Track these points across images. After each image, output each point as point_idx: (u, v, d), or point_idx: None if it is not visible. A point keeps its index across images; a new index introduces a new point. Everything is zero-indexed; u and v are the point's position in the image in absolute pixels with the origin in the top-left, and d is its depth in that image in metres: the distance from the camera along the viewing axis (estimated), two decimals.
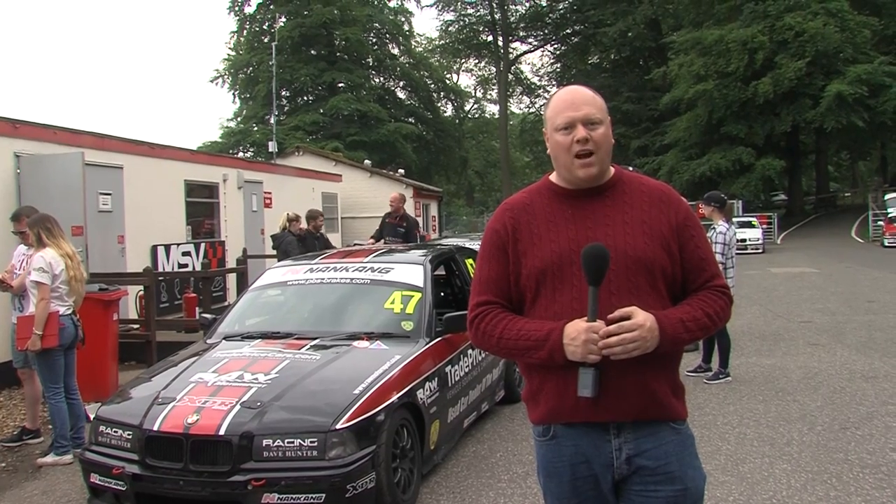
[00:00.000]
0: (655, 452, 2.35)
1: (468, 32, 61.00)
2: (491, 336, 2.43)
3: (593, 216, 2.41)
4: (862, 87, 34.08)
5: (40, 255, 6.38)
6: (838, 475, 5.31)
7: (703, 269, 2.44)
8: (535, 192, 2.55)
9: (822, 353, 9.46)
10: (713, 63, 37.14)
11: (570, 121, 2.38)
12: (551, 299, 2.37)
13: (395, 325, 5.96)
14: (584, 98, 2.42)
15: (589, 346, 2.22)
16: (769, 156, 38.21)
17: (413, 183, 31.80)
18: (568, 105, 2.41)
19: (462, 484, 5.47)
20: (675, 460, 2.37)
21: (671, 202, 2.46)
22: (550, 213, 2.45)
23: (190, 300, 12.35)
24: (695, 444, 2.48)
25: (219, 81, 53.77)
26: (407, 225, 11.99)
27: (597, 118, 2.39)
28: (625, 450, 2.35)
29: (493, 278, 2.49)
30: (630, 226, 2.38)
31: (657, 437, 2.36)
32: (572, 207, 2.44)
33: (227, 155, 33.56)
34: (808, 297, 15.17)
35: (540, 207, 2.48)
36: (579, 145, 2.36)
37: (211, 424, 4.55)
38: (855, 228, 36.83)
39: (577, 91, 2.46)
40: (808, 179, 57.05)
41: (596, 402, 2.28)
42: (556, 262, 2.36)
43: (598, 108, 2.41)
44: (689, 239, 2.44)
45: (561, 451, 2.42)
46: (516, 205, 2.54)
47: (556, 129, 2.41)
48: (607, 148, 2.42)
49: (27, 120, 10.62)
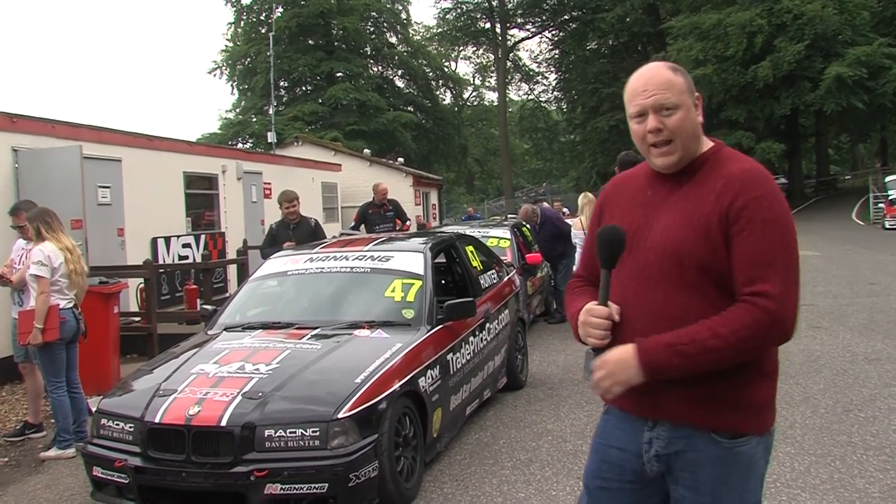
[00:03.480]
0: (684, 457, 2.24)
1: (466, 20, 60.77)
2: (566, 310, 2.48)
3: (664, 201, 2.29)
4: (861, 69, 33.98)
5: (39, 248, 6.37)
6: (842, 457, 5.30)
7: (742, 271, 2.13)
8: (640, 170, 2.47)
9: (825, 336, 9.44)
10: (712, 47, 37.01)
11: (642, 109, 2.25)
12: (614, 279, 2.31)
13: (396, 313, 5.95)
14: (658, 82, 2.24)
15: (586, 329, 2.21)
16: (769, 139, 38.15)
17: (413, 171, 31.78)
18: (639, 91, 2.26)
19: (465, 471, 5.47)
20: (705, 473, 2.21)
21: (735, 187, 2.17)
22: (635, 194, 2.40)
23: (191, 292, 12.35)
24: (749, 465, 2.24)
25: (217, 73, 53.60)
26: (393, 206, 12.03)
27: (671, 102, 2.22)
28: (655, 445, 2.27)
29: (586, 253, 2.55)
30: (682, 214, 2.22)
31: (689, 443, 2.22)
32: (654, 189, 2.35)
33: (226, 146, 33.48)
34: (809, 280, 15.13)
35: (632, 186, 2.44)
36: (653, 136, 2.24)
37: (212, 416, 4.54)
38: (856, 211, 36.79)
39: (650, 73, 2.28)
40: (808, 163, 56.98)
41: (627, 392, 2.21)
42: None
43: (673, 91, 2.23)
44: (738, 232, 2.14)
45: (607, 430, 2.43)
46: (616, 181, 2.55)
47: (631, 118, 2.30)
48: (688, 133, 2.24)
49: (25, 114, 10.59)
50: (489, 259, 7.95)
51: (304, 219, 9.43)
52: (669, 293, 2.20)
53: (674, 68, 2.29)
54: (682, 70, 2.32)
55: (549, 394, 7.42)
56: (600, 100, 50.61)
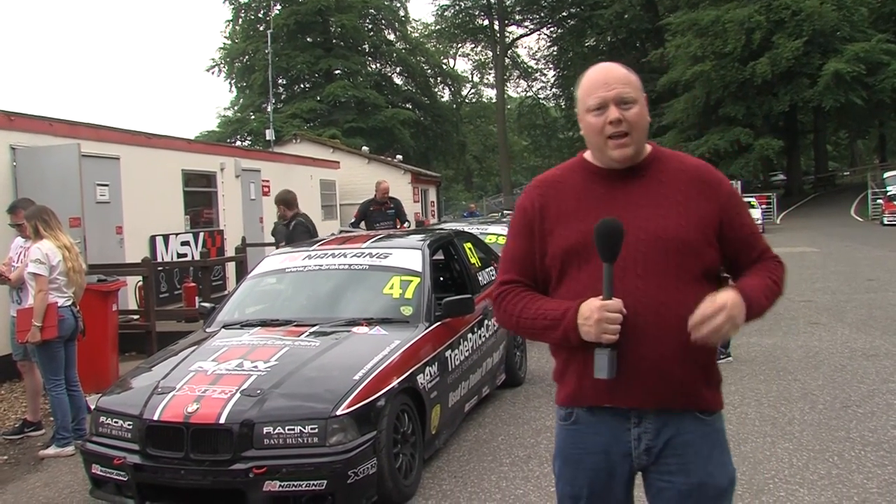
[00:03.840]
0: (674, 442, 2.29)
1: (464, 17, 60.80)
2: (511, 315, 2.40)
3: (626, 197, 2.32)
4: (860, 65, 34.00)
5: (37, 246, 6.36)
6: (840, 453, 5.31)
7: (754, 245, 2.41)
8: (569, 170, 2.48)
9: (823, 332, 9.46)
10: (710, 44, 37.01)
11: (602, 101, 2.29)
12: (576, 279, 2.31)
13: (395, 310, 5.95)
14: (617, 76, 2.32)
15: (602, 326, 2.15)
16: (767, 136, 38.17)
17: (411, 168, 31.74)
18: (600, 84, 2.31)
19: (464, 468, 5.48)
20: (694, 452, 2.29)
21: (712, 181, 2.38)
22: (582, 192, 2.38)
23: (189, 289, 12.33)
24: (724, 437, 2.39)
25: (215, 70, 53.59)
26: (394, 205, 12.08)
27: (631, 97, 2.29)
28: (644, 440, 2.29)
29: (518, 257, 2.45)
30: (664, 206, 2.30)
31: (679, 426, 2.29)
32: (605, 187, 2.36)
33: (224, 144, 33.48)
34: (808, 276, 15.15)
35: (572, 185, 2.41)
36: (612, 127, 2.27)
37: (211, 413, 4.54)
38: (854, 207, 36.81)
39: (608, 69, 2.36)
40: (806, 159, 56.94)
41: (617, 386, 2.22)
42: (582, 242, 2.28)
43: (632, 87, 2.31)
44: (736, 216, 2.36)
45: (581, 439, 2.37)
46: (546, 181, 2.48)
47: (588, 111, 2.32)
48: (643, 127, 2.33)
49: (23, 112, 10.56)
50: (487, 256, 7.95)
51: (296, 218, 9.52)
52: (669, 281, 2.24)
53: (627, 67, 2.39)
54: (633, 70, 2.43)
55: (547, 390, 7.41)
56: None
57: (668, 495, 2.32)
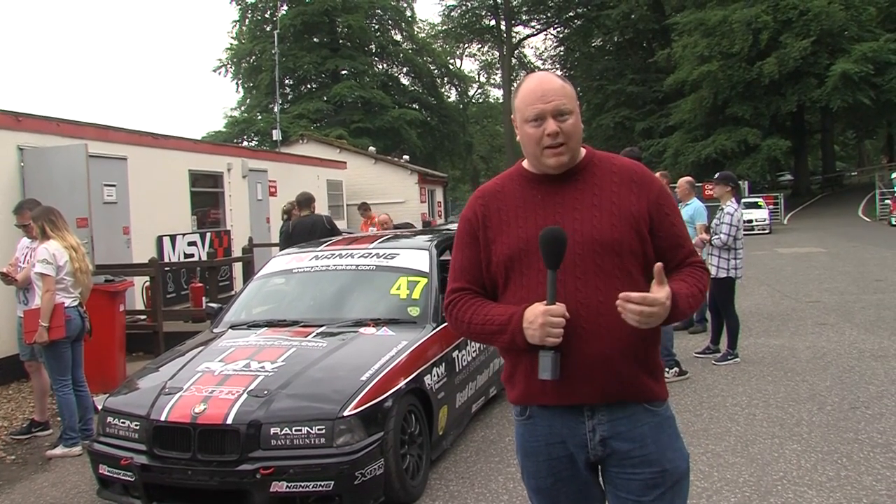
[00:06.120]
0: (630, 435, 2.36)
1: (471, 17, 60.79)
2: (462, 321, 2.47)
3: (562, 201, 2.40)
4: (868, 65, 33.90)
5: (44, 247, 6.37)
6: (849, 455, 5.28)
7: (680, 246, 2.46)
8: (508, 179, 2.56)
9: (831, 333, 9.42)
10: (717, 44, 36.95)
11: (540, 113, 2.36)
12: (519, 284, 2.39)
13: (402, 310, 5.94)
14: (553, 88, 2.38)
15: (546, 329, 2.22)
16: (775, 136, 38.08)
17: (418, 169, 31.73)
18: (537, 97, 2.37)
19: (471, 469, 5.47)
20: (652, 442, 2.37)
21: (643, 181, 2.44)
22: (521, 199, 2.46)
23: (196, 290, 12.36)
24: (675, 424, 2.48)
25: (222, 71, 53.76)
26: None
27: (567, 108, 2.37)
28: (598, 431, 2.36)
29: (465, 266, 2.53)
30: (598, 208, 2.37)
31: (632, 420, 2.36)
32: (542, 193, 2.43)
33: (231, 144, 33.50)
34: (815, 276, 15.11)
35: (511, 193, 2.49)
36: (550, 139, 2.35)
37: (218, 413, 4.54)
38: (862, 207, 36.69)
39: (545, 81, 2.42)
40: (814, 159, 56.82)
41: (562, 385, 2.29)
42: (524, 247, 2.36)
43: (568, 98, 2.38)
44: (665, 217, 2.43)
45: (536, 431, 2.44)
46: (487, 191, 2.56)
47: (526, 121, 2.39)
48: (577, 136, 2.40)
49: (30, 113, 10.60)
50: None
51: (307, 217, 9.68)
52: (607, 281, 2.31)
53: (563, 77, 2.47)
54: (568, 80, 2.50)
55: None
56: (605, 96, 50.59)
57: (633, 486, 2.38)
